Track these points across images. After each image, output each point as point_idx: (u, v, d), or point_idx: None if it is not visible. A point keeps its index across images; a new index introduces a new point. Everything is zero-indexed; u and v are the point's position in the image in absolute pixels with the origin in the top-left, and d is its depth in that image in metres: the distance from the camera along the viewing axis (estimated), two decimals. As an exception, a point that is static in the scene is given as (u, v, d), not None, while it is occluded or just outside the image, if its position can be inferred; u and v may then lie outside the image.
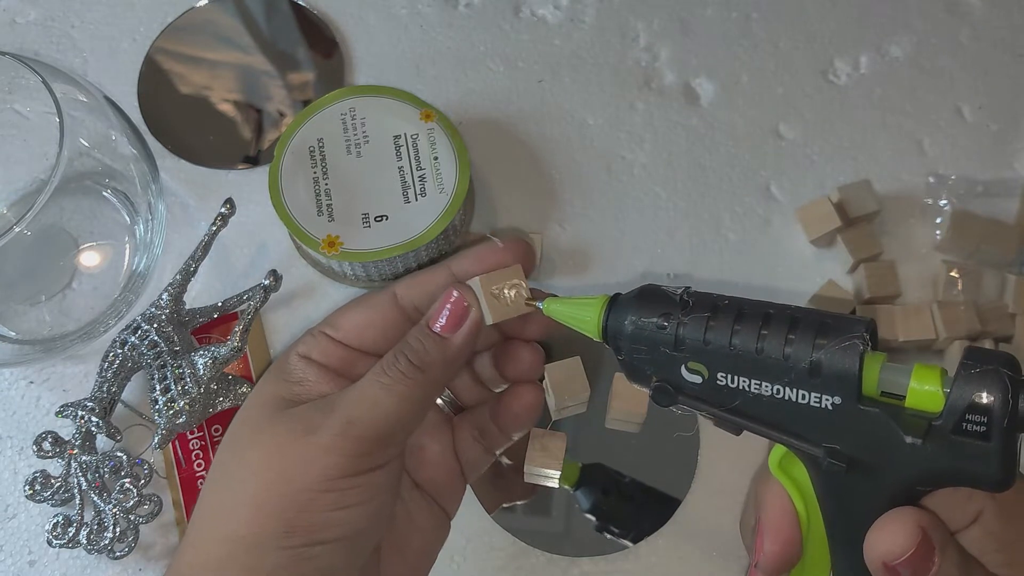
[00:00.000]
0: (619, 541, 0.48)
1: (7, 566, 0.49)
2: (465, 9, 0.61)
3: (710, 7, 0.61)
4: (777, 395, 0.31)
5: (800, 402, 0.31)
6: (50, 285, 0.54)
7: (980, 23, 0.60)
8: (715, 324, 0.32)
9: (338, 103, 0.53)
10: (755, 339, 0.31)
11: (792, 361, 0.31)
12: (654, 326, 0.33)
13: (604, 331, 0.35)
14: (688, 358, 0.33)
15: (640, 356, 0.34)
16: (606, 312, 0.35)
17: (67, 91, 0.48)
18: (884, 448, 0.30)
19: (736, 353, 0.32)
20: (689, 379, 0.33)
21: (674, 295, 0.34)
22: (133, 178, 0.52)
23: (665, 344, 0.33)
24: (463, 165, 0.51)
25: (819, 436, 0.31)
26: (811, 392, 0.31)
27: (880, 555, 0.30)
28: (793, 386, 0.31)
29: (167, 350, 0.48)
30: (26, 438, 0.51)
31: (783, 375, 0.31)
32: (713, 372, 0.32)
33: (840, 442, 0.31)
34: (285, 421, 0.35)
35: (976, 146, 0.57)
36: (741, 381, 0.32)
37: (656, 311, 0.33)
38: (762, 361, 0.31)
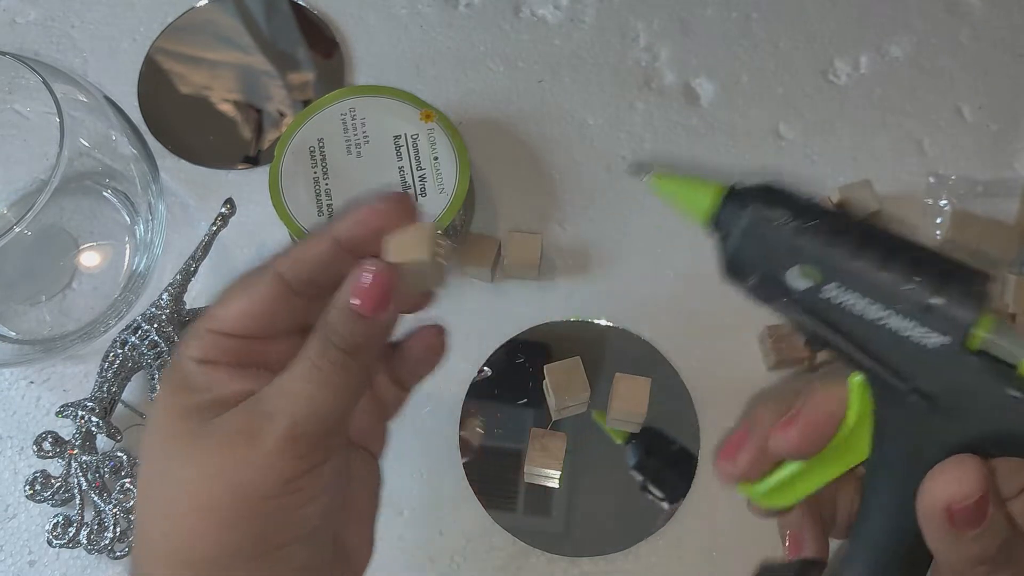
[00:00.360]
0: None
1: (7, 566, 0.49)
2: (465, 9, 0.61)
3: (710, 7, 0.61)
4: (881, 320, 0.30)
5: (903, 334, 0.30)
6: (50, 285, 0.54)
7: (980, 23, 0.60)
8: (842, 235, 0.31)
9: (338, 103, 0.53)
10: (879, 261, 0.30)
11: (909, 293, 0.30)
12: (778, 221, 0.32)
13: (716, 217, 0.33)
14: (803, 261, 0.31)
15: (749, 250, 0.33)
16: (724, 197, 0.33)
17: (67, 91, 0.48)
18: (973, 397, 0.30)
19: (855, 268, 0.31)
20: (796, 283, 0.32)
21: (802, 196, 0.32)
22: (133, 178, 0.52)
23: (783, 242, 0.32)
24: (463, 165, 0.51)
25: (911, 371, 0.31)
26: (919, 327, 0.30)
27: (945, 497, 0.30)
28: (903, 316, 0.30)
29: (167, 350, 0.48)
30: (26, 438, 0.51)
31: (896, 302, 0.30)
32: (824, 281, 0.31)
33: (931, 382, 0.30)
34: (217, 432, 0.33)
35: (976, 146, 0.57)
36: (851, 297, 0.31)
37: (782, 207, 0.32)
38: (879, 284, 0.30)
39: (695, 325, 0.52)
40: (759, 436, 0.36)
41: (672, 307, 0.53)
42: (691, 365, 0.51)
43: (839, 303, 0.31)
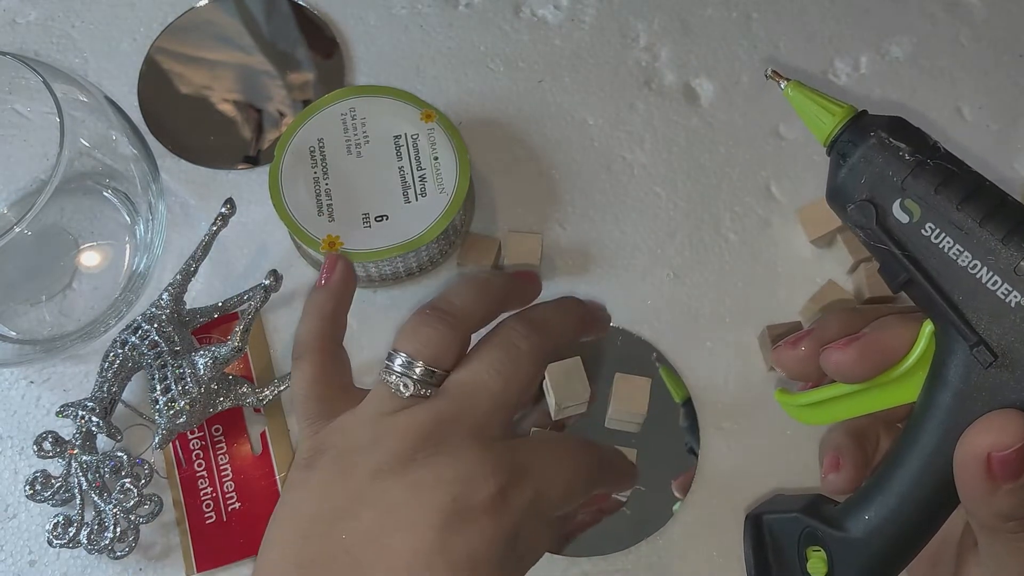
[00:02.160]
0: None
1: (7, 566, 0.49)
2: (465, 9, 0.61)
3: (710, 7, 0.61)
4: (972, 269, 0.31)
5: (989, 287, 0.31)
6: (50, 285, 0.54)
7: (980, 23, 0.60)
8: (954, 180, 0.32)
9: (338, 103, 0.53)
10: (983, 212, 0.31)
11: (1006, 249, 0.31)
12: (896, 152, 0.32)
13: (838, 137, 0.34)
14: (909, 196, 0.32)
15: (861, 174, 0.33)
16: (851, 120, 0.34)
17: (67, 91, 0.48)
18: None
19: (958, 214, 0.31)
20: (897, 215, 0.32)
21: (928, 137, 0.33)
22: (133, 178, 0.52)
23: (896, 173, 0.32)
24: (463, 165, 0.51)
25: (984, 323, 0.31)
26: (1005, 283, 0.31)
27: (986, 444, 0.30)
28: (992, 270, 0.31)
29: (167, 350, 0.48)
30: (26, 438, 0.51)
31: (989, 255, 0.31)
32: (925, 219, 0.32)
33: (1002, 338, 0.31)
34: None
35: (976, 146, 0.57)
36: (946, 240, 0.32)
37: (906, 140, 0.33)
38: (978, 234, 0.31)
39: (695, 325, 0.52)
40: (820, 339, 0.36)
41: (672, 307, 0.53)
42: (691, 365, 0.51)
43: (933, 243, 0.32)
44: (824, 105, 0.35)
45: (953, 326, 0.32)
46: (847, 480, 0.37)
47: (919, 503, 0.33)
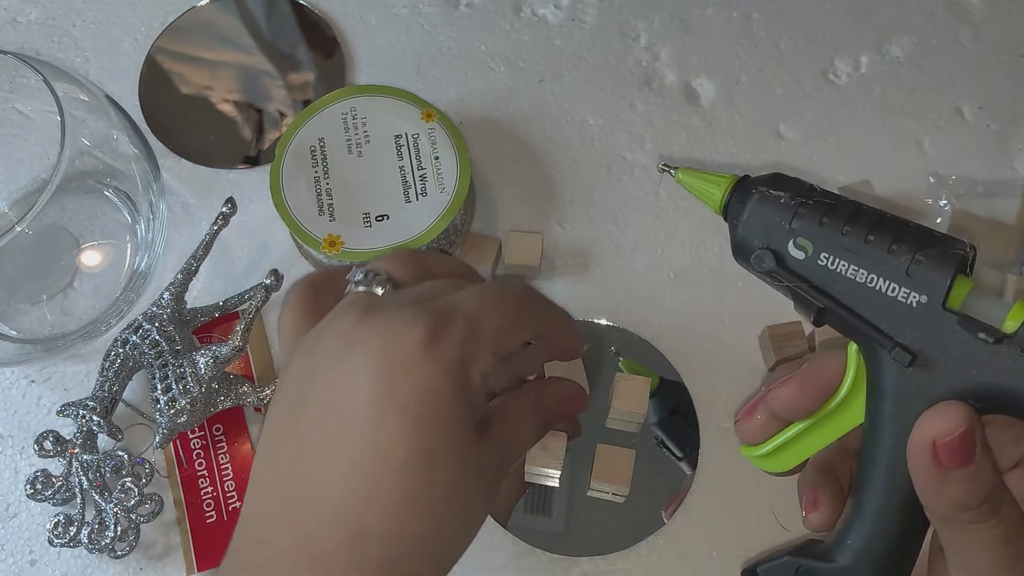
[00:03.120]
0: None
1: (8, 565, 0.49)
2: (466, 9, 0.61)
3: (710, 7, 0.61)
4: (870, 283, 0.34)
5: (888, 293, 0.34)
6: (52, 284, 0.54)
7: (980, 23, 0.60)
8: (833, 212, 0.35)
9: (339, 103, 0.53)
10: (866, 231, 0.34)
11: (894, 257, 0.34)
12: (778, 200, 0.36)
13: (728, 203, 0.38)
14: (799, 235, 0.35)
15: (754, 228, 0.36)
16: (734, 186, 0.38)
17: (68, 90, 0.48)
18: (951, 350, 0.33)
19: (844, 239, 0.35)
20: (793, 253, 0.35)
21: (803, 182, 0.37)
22: (134, 177, 0.52)
23: (782, 218, 0.36)
24: (464, 165, 0.51)
25: (894, 328, 0.34)
26: (901, 287, 0.34)
27: (931, 434, 0.32)
28: (887, 278, 0.34)
29: (168, 349, 0.48)
30: (27, 437, 0.51)
31: (881, 266, 0.34)
32: (818, 251, 0.35)
33: (912, 337, 0.34)
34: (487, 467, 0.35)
35: (976, 146, 0.57)
36: (841, 264, 0.35)
37: (783, 189, 0.36)
38: (866, 251, 0.34)
39: (695, 325, 0.52)
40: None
41: (672, 307, 0.53)
42: (691, 365, 0.51)
43: (830, 269, 0.35)
44: (711, 180, 0.39)
45: (870, 338, 0.34)
46: (827, 516, 0.38)
47: (893, 516, 0.35)
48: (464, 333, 0.33)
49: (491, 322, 0.34)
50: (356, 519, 0.30)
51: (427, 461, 0.31)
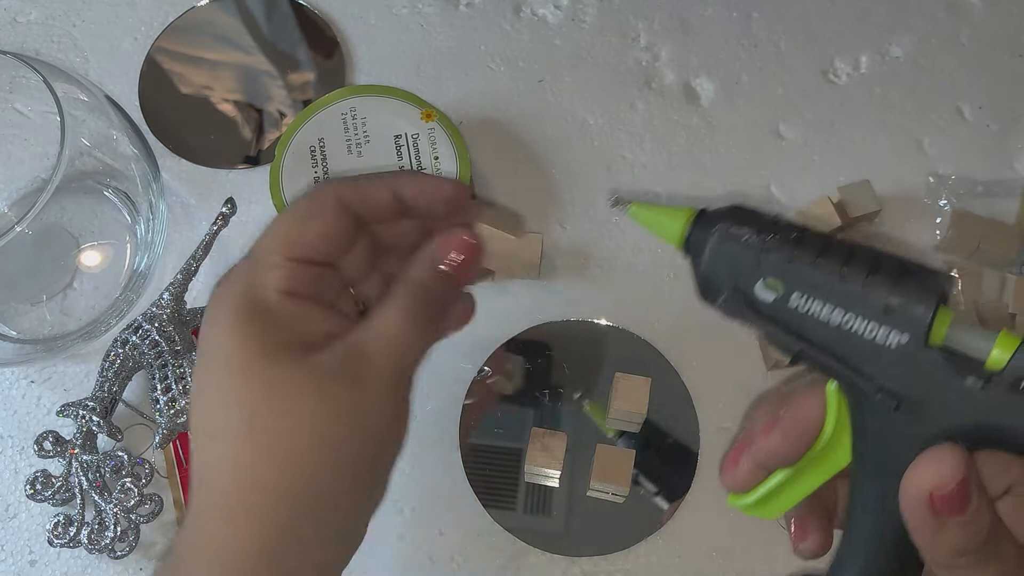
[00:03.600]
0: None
1: (8, 565, 0.49)
2: (466, 9, 0.61)
3: (710, 7, 0.61)
4: (846, 325, 0.32)
5: (866, 335, 0.32)
6: (51, 284, 0.54)
7: (980, 23, 0.60)
8: (801, 247, 0.33)
9: (339, 103, 0.53)
10: (839, 266, 0.32)
11: (869, 295, 0.31)
12: (742, 238, 0.33)
13: (687, 239, 0.35)
14: (767, 274, 0.33)
15: (718, 267, 0.34)
16: (692, 223, 0.35)
17: (68, 90, 0.48)
18: (939, 391, 0.31)
19: (815, 278, 0.32)
20: (763, 295, 0.33)
21: (766, 215, 0.34)
22: (134, 177, 0.52)
23: (747, 257, 0.33)
24: (464, 165, 0.51)
25: (876, 371, 0.32)
26: (880, 327, 0.31)
27: (926, 484, 0.31)
28: (864, 318, 0.32)
29: (168, 349, 0.48)
30: (27, 437, 0.51)
31: (857, 306, 0.32)
32: (788, 291, 0.33)
33: (896, 380, 0.32)
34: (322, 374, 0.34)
35: (976, 146, 0.57)
36: (814, 304, 0.32)
37: (746, 225, 0.34)
38: (839, 290, 0.32)
39: (695, 325, 0.52)
40: (751, 443, 0.37)
41: (672, 307, 0.53)
42: (691, 365, 0.51)
43: (804, 311, 0.32)
44: (668, 214, 0.36)
45: (851, 382, 0.32)
46: (818, 544, 0.38)
47: (886, 556, 0.34)
48: (241, 267, 0.34)
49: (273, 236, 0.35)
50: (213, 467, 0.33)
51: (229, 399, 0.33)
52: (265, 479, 0.33)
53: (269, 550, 0.32)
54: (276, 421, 0.33)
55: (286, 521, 0.33)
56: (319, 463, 0.33)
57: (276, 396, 0.33)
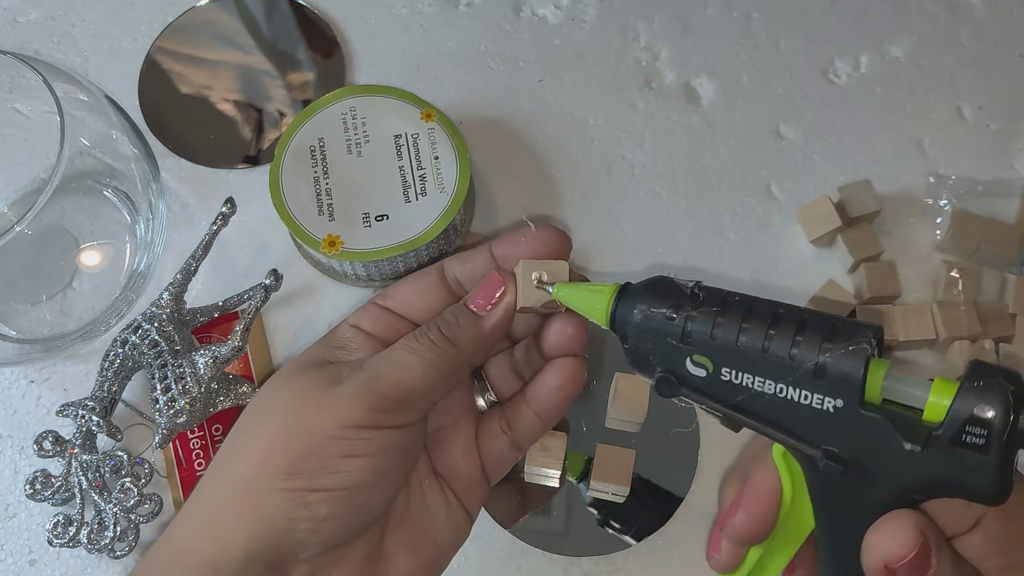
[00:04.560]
0: (621, 537, 0.48)
1: (8, 565, 0.49)
2: (466, 9, 0.61)
3: (710, 7, 0.61)
4: (780, 394, 0.31)
5: (802, 402, 0.31)
6: (51, 284, 0.54)
7: (980, 23, 0.60)
8: (723, 319, 0.32)
9: (338, 103, 0.53)
10: (762, 337, 0.31)
11: (797, 361, 0.31)
12: (663, 317, 0.33)
13: (612, 319, 0.35)
14: (694, 351, 0.33)
15: (646, 346, 0.34)
16: (615, 301, 0.35)
17: (68, 90, 0.48)
18: (882, 453, 0.30)
19: (742, 350, 0.32)
20: (694, 372, 0.33)
21: (685, 287, 0.34)
22: (134, 177, 0.52)
23: (672, 335, 0.33)
24: (464, 165, 0.51)
25: (818, 437, 0.31)
26: (814, 393, 0.31)
27: (881, 557, 0.30)
28: (796, 386, 0.31)
29: (168, 349, 0.48)
30: (27, 437, 0.51)
31: (787, 374, 0.31)
32: (718, 367, 0.32)
33: (838, 444, 0.31)
34: (314, 373, 0.37)
35: (976, 146, 0.57)
36: (745, 377, 0.32)
37: (666, 302, 0.33)
38: (767, 359, 0.31)
39: (695, 325, 0.52)
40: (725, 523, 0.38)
41: (672, 307, 0.53)
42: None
43: (736, 384, 0.32)
44: (591, 292, 0.36)
45: (797, 450, 0.32)
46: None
47: None
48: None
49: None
50: None
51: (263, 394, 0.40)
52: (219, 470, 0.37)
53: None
54: (259, 411, 0.38)
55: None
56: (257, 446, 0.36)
57: (279, 390, 0.38)
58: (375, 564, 0.37)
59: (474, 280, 0.40)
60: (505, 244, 0.40)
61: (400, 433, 0.36)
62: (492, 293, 0.37)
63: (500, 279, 0.38)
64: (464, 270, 0.41)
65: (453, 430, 0.40)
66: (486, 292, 0.38)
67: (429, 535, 0.39)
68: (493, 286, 0.38)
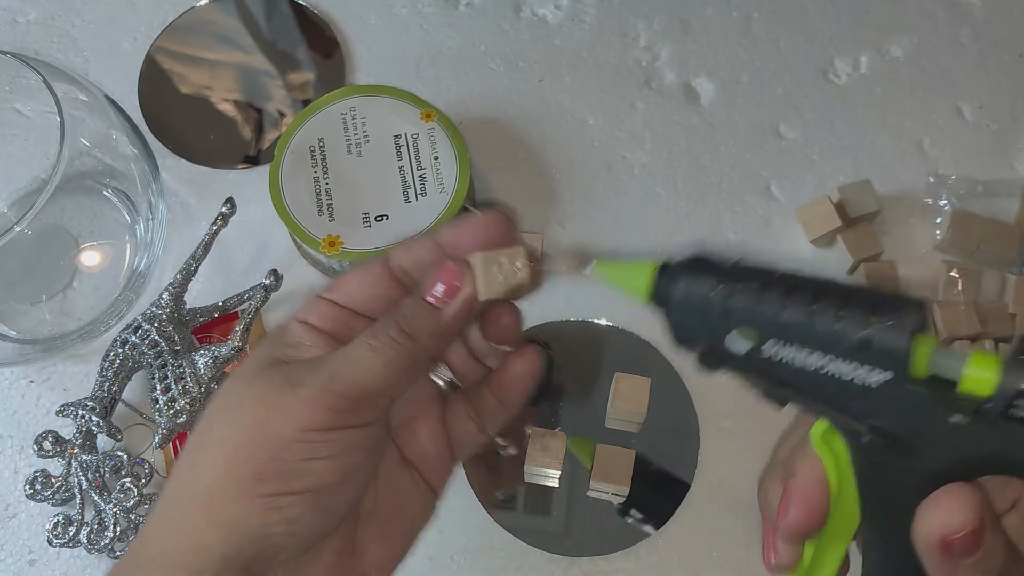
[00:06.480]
0: (640, 528, 0.48)
1: (8, 565, 0.49)
2: (465, 9, 0.61)
3: (710, 7, 0.61)
4: (824, 368, 0.31)
5: (847, 376, 0.31)
6: (51, 284, 0.54)
7: (980, 23, 0.60)
8: (766, 294, 0.32)
9: (338, 103, 0.53)
10: (807, 310, 0.31)
11: (842, 335, 0.31)
12: (705, 292, 0.33)
13: (654, 295, 0.35)
14: (737, 326, 0.32)
15: (688, 321, 0.34)
16: (656, 277, 0.35)
17: (68, 90, 0.48)
18: (928, 427, 0.30)
19: (786, 324, 0.31)
20: (737, 347, 0.33)
21: (726, 263, 0.33)
22: (134, 177, 0.52)
23: (714, 310, 0.33)
24: (463, 165, 0.51)
25: (863, 412, 0.31)
26: (859, 367, 0.31)
27: (938, 529, 0.30)
28: (841, 360, 0.31)
29: (168, 349, 0.48)
30: (27, 437, 0.51)
31: (832, 348, 0.31)
32: (761, 341, 0.32)
33: (884, 419, 0.31)
34: (271, 375, 0.36)
35: (976, 146, 0.57)
36: (789, 352, 0.32)
37: (708, 278, 0.33)
38: (811, 333, 0.31)
39: (695, 325, 0.52)
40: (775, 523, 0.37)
41: (672, 307, 0.53)
42: (691, 365, 0.51)
43: (781, 359, 0.32)
44: (631, 270, 0.35)
45: (841, 423, 0.32)
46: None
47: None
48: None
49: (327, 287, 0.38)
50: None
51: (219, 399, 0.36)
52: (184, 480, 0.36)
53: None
54: (216, 416, 0.36)
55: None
56: (218, 455, 0.35)
57: (233, 392, 0.36)
58: (350, 557, 0.37)
59: (421, 269, 0.38)
60: (450, 231, 0.39)
61: (363, 432, 0.36)
62: (450, 282, 0.37)
63: (456, 268, 0.36)
64: (410, 259, 0.39)
65: (419, 417, 0.40)
66: (443, 281, 0.36)
67: (400, 521, 0.39)
68: (449, 275, 0.36)
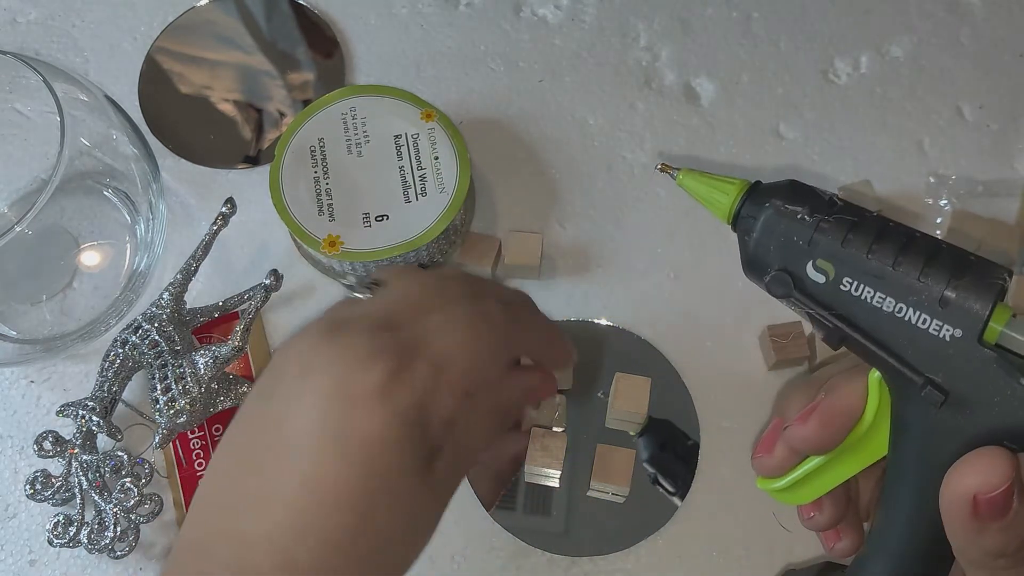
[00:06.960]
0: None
1: (8, 565, 0.49)
2: (466, 9, 0.61)
3: (710, 7, 0.61)
4: (898, 313, 0.31)
5: (919, 326, 0.31)
6: (51, 284, 0.54)
7: (980, 23, 0.60)
8: (857, 230, 0.32)
9: (338, 103, 0.53)
10: (893, 255, 0.31)
11: (925, 286, 0.31)
12: (795, 216, 0.33)
13: (737, 214, 0.35)
14: (819, 255, 0.32)
15: (767, 243, 0.34)
16: (744, 195, 0.35)
17: (68, 90, 0.48)
18: (990, 389, 0.30)
19: (869, 263, 0.31)
20: (813, 276, 0.32)
21: (823, 194, 0.33)
22: (134, 177, 0.52)
23: (800, 236, 0.33)
24: (464, 165, 0.51)
25: (926, 364, 0.31)
26: (933, 318, 0.31)
27: (970, 487, 0.30)
28: (918, 308, 0.31)
29: (168, 349, 0.48)
30: (27, 437, 0.51)
31: (911, 295, 0.31)
32: (839, 275, 0.32)
33: (945, 374, 0.31)
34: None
35: (976, 146, 0.57)
36: (866, 291, 0.32)
37: (802, 203, 0.33)
38: (893, 277, 0.31)
39: (695, 325, 0.52)
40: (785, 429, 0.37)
41: (672, 307, 0.53)
42: (691, 365, 0.51)
43: (854, 296, 0.32)
44: (718, 185, 0.36)
45: (899, 373, 0.32)
46: (853, 543, 0.38)
47: (917, 553, 0.33)
48: (426, 377, 0.31)
49: (461, 362, 0.32)
50: (288, 548, 0.29)
51: (364, 505, 0.30)
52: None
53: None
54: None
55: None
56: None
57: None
58: None
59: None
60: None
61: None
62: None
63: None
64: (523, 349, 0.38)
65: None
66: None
67: None
68: None
